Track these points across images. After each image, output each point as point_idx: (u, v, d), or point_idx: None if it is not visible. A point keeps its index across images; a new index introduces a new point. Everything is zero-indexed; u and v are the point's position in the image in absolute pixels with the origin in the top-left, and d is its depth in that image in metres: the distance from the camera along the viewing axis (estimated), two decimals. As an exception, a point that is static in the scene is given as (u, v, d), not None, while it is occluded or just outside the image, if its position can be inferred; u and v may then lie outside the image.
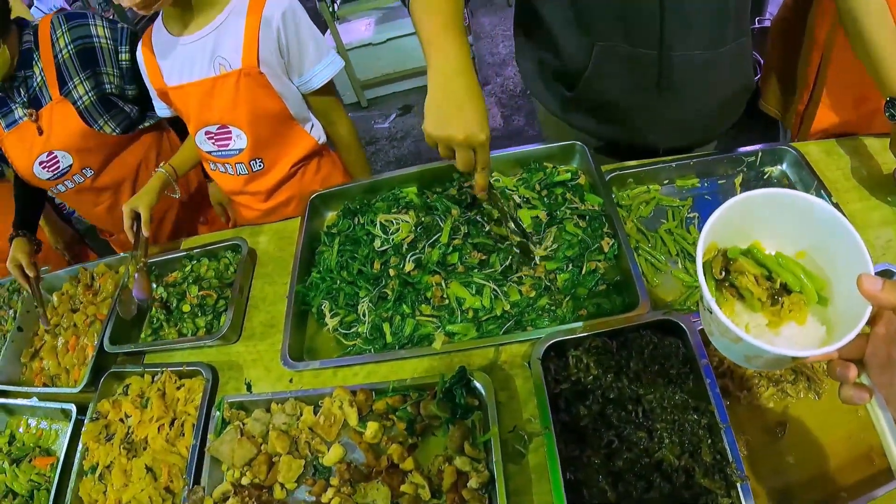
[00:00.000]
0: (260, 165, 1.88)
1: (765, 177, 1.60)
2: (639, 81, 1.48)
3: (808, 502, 1.05)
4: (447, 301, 1.38)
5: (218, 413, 1.56)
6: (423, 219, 1.55)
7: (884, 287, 0.59)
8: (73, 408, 1.84)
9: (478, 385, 1.24)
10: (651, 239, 1.47)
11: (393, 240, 1.55)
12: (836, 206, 1.34)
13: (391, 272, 1.48)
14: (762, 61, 2.35)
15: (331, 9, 4.32)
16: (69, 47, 1.94)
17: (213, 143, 1.84)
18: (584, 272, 1.37)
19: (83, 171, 2.14)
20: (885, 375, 0.62)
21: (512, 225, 1.37)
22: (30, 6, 4.52)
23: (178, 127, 2.23)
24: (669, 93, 1.48)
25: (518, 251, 1.39)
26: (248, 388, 1.63)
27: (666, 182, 1.63)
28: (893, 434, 0.63)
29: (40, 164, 2.08)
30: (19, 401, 2.05)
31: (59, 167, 2.10)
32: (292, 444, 1.43)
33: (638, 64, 1.42)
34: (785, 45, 1.76)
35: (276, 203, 1.98)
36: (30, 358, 2.16)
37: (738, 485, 0.99)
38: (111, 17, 2.47)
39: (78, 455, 1.74)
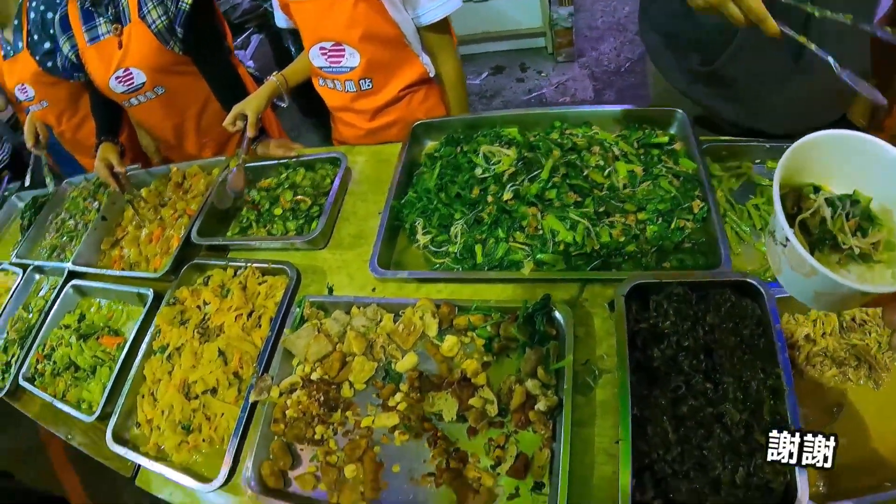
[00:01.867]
0: (369, 85, 1.83)
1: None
2: (778, 59, 1.40)
3: (854, 485, 1.00)
4: (541, 231, 1.37)
5: (298, 310, 1.54)
6: (525, 154, 1.52)
7: None
8: (150, 292, 1.82)
9: (558, 315, 1.22)
10: (738, 210, 1.43)
11: (494, 170, 1.53)
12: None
13: (489, 199, 1.47)
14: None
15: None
16: None
17: (326, 59, 1.82)
18: (672, 227, 1.35)
19: (155, 89, 2.14)
20: None
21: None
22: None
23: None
24: (802, 75, 1.41)
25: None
26: (330, 291, 1.61)
27: (757, 161, 1.53)
28: None
29: (116, 78, 2.11)
30: (97, 283, 2.05)
31: (133, 83, 2.12)
32: (368, 347, 1.41)
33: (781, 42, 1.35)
34: (882, 55, 1.65)
35: (379, 124, 1.94)
36: (110, 246, 2.15)
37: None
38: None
39: (148, 336, 1.71)
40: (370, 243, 1.58)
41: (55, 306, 2.08)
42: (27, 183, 2.58)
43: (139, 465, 1.58)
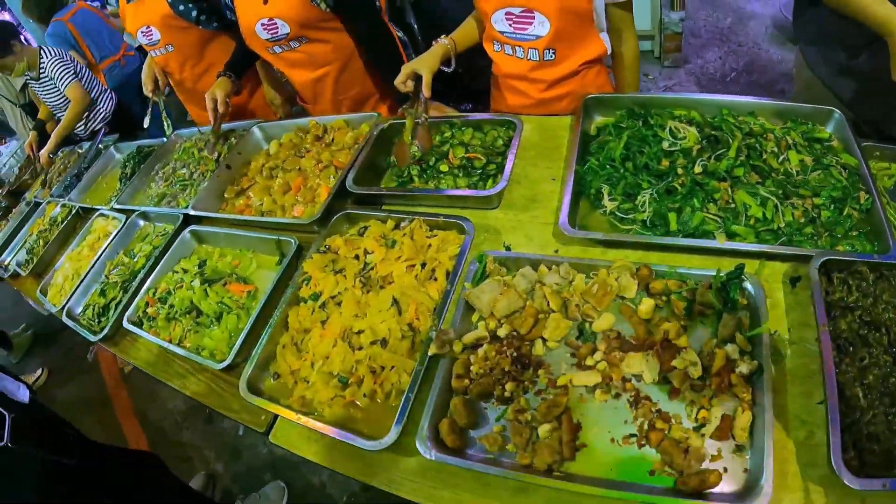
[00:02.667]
0: (551, 56, 1.72)
1: None
2: None
3: None
4: (732, 205, 1.38)
5: (479, 264, 1.40)
6: (710, 133, 1.53)
7: None
8: (294, 241, 1.67)
9: (749, 286, 1.20)
10: (893, 206, 1.41)
11: (680, 144, 1.51)
12: None
13: (679, 171, 1.46)
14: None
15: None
16: None
17: (511, 25, 1.71)
18: (844, 214, 1.36)
19: (299, 38, 2.04)
20: None
21: None
22: None
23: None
24: None
25: None
26: (507, 249, 1.49)
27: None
28: None
29: (262, 25, 2.03)
30: (221, 229, 1.90)
31: (277, 32, 2.02)
32: (562, 306, 1.29)
33: None
34: None
35: (551, 95, 1.84)
36: (235, 195, 2.01)
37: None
38: None
39: (292, 285, 1.55)
40: (545, 206, 1.56)
41: (169, 251, 1.92)
42: (146, 125, 2.45)
43: (275, 420, 1.39)
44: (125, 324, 1.77)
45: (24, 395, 1.69)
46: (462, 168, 1.68)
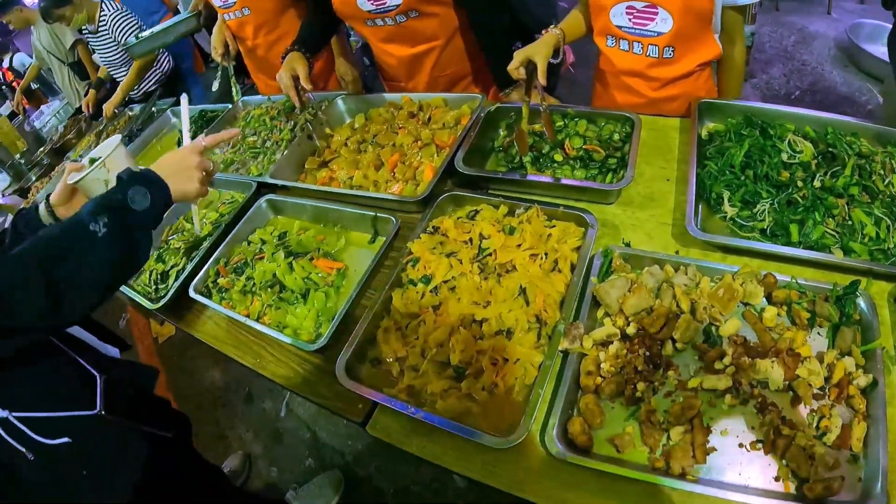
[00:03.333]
0: (670, 54, 1.66)
1: None
2: None
3: None
4: (850, 222, 1.38)
5: (604, 259, 1.33)
6: (826, 149, 1.51)
7: None
8: (394, 219, 1.55)
9: (861, 301, 1.20)
10: None
11: (799, 158, 1.50)
12: None
13: (798, 183, 1.44)
14: None
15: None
16: None
17: (631, 20, 1.65)
18: None
19: (409, 11, 1.88)
20: None
21: None
22: None
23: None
24: None
25: None
26: (627, 245, 1.42)
27: None
28: None
29: None
30: (304, 200, 1.78)
31: (385, 3, 1.88)
32: (691, 308, 1.24)
33: None
34: None
35: (663, 95, 1.76)
36: (317, 166, 1.89)
37: None
38: None
39: (392, 265, 1.44)
40: (662, 206, 1.51)
41: (242, 220, 1.80)
42: (214, 88, 2.32)
43: (373, 409, 1.28)
44: (191, 293, 1.63)
45: (113, 351, 1.55)
46: (579, 160, 1.58)
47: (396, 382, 1.27)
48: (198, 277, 1.67)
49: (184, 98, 1.42)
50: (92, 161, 1.27)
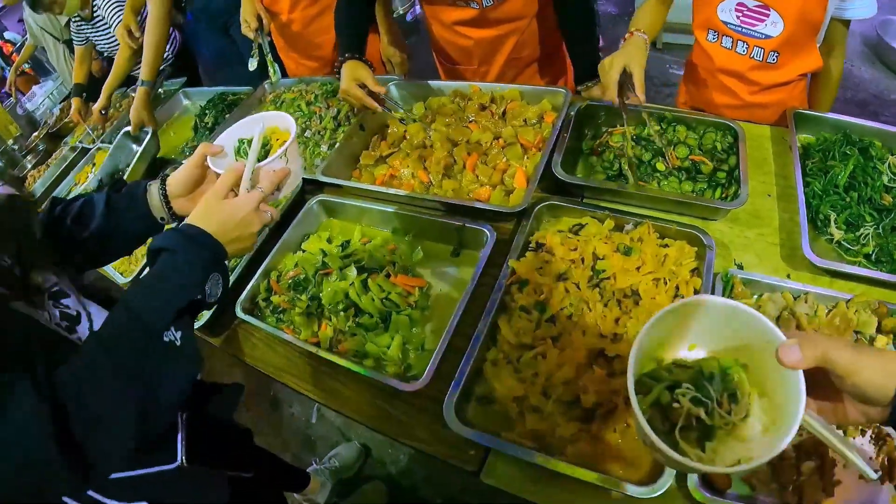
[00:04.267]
0: (774, 59, 1.55)
1: None
2: None
3: None
4: None
5: (725, 284, 1.22)
6: None
7: (803, 348, 0.60)
8: (489, 230, 1.37)
9: None
10: None
11: None
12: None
13: None
14: None
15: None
16: None
17: (740, 18, 1.53)
18: None
19: None
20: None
21: None
22: None
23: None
24: None
25: None
26: (739, 268, 1.33)
27: None
28: (830, 431, 0.62)
29: None
30: (368, 204, 1.57)
31: None
32: None
33: None
34: None
35: (760, 101, 1.64)
36: (374, 161, 1.68)
37: None
38: None
39: (501, 286, 1.26)
40: (767, 224, 1.40)
41: (290, 225, 1.58)
42: (252, 67, 2.02)
43: (487, 454, 1.13)
44: (238, 312, 1.42)
45: None
46: (684, 170, 1.44)
47: (514, 424, 1.12)
48: (244, 293, 1.46)
49: (258, 126, 1.05)
50: (242, 143, 1.06)
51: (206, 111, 2.17)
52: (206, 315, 1.44)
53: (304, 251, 1.56)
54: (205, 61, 2.83)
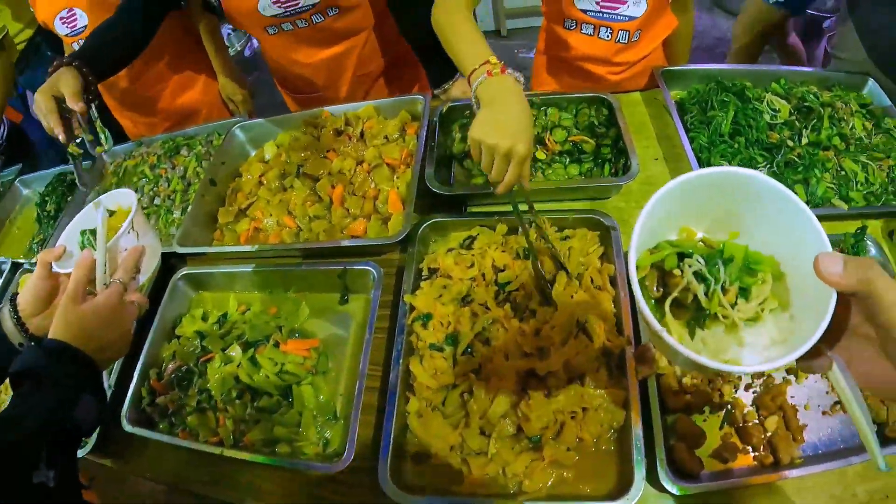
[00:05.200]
0: (636, 37, 1.51)
1: None
2: None
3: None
4: (843, 172, 1.37)
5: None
6: (800, 104, 1.48)
7: (845, 268, 0.48)
8: (374, 268, 1.22)
9: (871, 246, 1.21)
10: None
11: (779, 117, 1.45)
12: None
13: (789, 143, 1.40)
14: None
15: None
16: None
17: (599, 4, 1.47)
18: None
19: (329, 8, 1.53)
20: (842, 340, 0.52)
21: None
22: None
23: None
24: None
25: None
26: None
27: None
28: (857, 397, 0.52)
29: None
30: (234, 268, 1.36)
31: (298, 4, 1.49)
32: None
33: None
34: None
35: (626, 76, 1.60)
36: (234, 217, 1.47)
37: None
38: None
39: (403, 326, 1.11)
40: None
41: (157, 311, 1.35)
42: (102, 143, 1.61)
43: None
44: (126, 426, 1.17)
45: None
46: (567, 154, 1.36)
47: (461, 476, 0.98)
48: (126, 402, 1.21)
49: (98, 211, 0.93)
50: (84, 234, 0.93)
51: (46, 198, 1.85)
52: (93, 437, 1.19)
53: (178, 337, 1.32)
54: (38, 138, 2.45)
